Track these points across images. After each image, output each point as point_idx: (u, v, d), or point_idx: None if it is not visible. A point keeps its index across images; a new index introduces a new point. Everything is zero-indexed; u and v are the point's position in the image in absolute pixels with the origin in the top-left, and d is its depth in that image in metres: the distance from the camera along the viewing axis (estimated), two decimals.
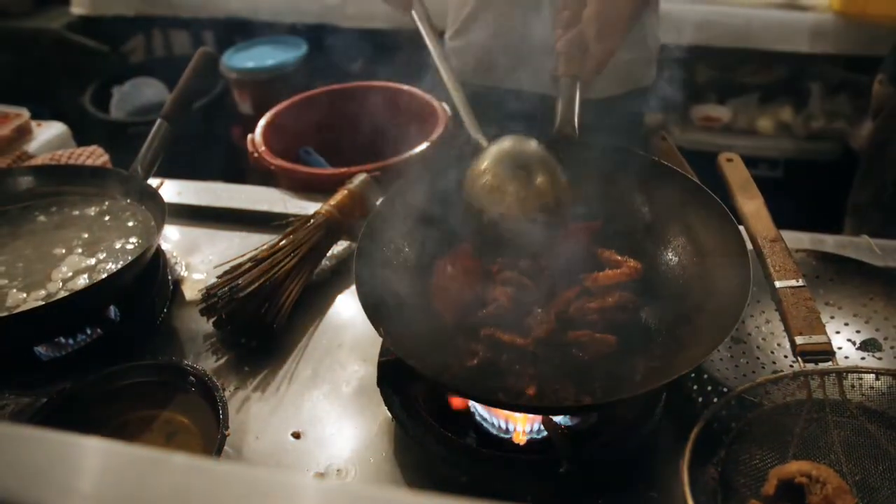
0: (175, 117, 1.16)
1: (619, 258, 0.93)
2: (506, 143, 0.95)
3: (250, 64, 2.63)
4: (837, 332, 0.97)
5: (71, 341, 1.01)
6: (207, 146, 2.62)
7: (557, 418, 0.83)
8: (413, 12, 1.06)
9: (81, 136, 1.67)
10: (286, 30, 2.82)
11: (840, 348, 0.95)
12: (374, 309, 0.79)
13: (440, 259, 0.93)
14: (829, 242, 1.10)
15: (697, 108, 2.50)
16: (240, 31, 2.83)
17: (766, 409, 0.69)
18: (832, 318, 0.99)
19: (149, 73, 2.89)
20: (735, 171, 1.03)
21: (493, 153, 0.94)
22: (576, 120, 1.01)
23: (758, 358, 0.94)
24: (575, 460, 0.74)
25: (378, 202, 0.96)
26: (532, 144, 0.94)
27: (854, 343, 0.95)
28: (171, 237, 1.25)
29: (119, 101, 2.71)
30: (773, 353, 0.95)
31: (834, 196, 1.93)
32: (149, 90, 2.71)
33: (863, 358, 0.93)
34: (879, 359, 0.93)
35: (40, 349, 1.00)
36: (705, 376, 0.88)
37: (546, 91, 1.07)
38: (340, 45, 2.69)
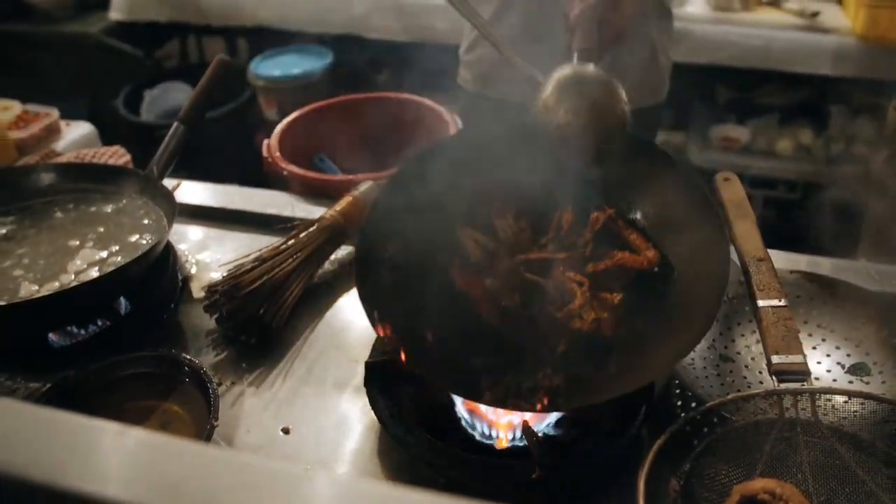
0: (192, 121, 1.20)
1: (643, 244, 0.94)
2: (566, 70, 1.00)
3: (276, 72, 2.69)
4: (828, 356, 0.98)
5: (82, 331, 1.06)
6: (232, 151, 2.69)
7: (537, 426, 0.85)
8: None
9: (112, 136, 1.73)
10: (314, 39, 2.89)
11: (829, 371, 0.95)
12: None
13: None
14: (825, 265, 1.10)
15: (716, 128, 2.50)
16: (270, 39, 2.91)
17: (737, 426, 0.70)
18: (823, 340, 1.00)
19: (181, 78, 2.98)
20: (731, 190, 1.04)
21: (555, 82, 0.99)
22: None
23: (745, 377, 0.95)
24: (548, 468, 0.76)
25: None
26: (590, 70, 0.99)
27: (843, 366, 0.96)
28: (184, 236, 1.30)
29: (149, 104, 2.80)
30: (761, 372, 0.95)
31: (852, 221, 1.91)
32: (178, 94, 2.79)
33: (850, 382, 0.93)
34: (867, 383, 0.93)
35: (53, 337, 1.05)
36: (689, 393, 0.89)
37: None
38: (365, 56, 2.76)
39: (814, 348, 0.99)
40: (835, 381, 0.93)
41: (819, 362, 0.97)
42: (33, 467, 0.46)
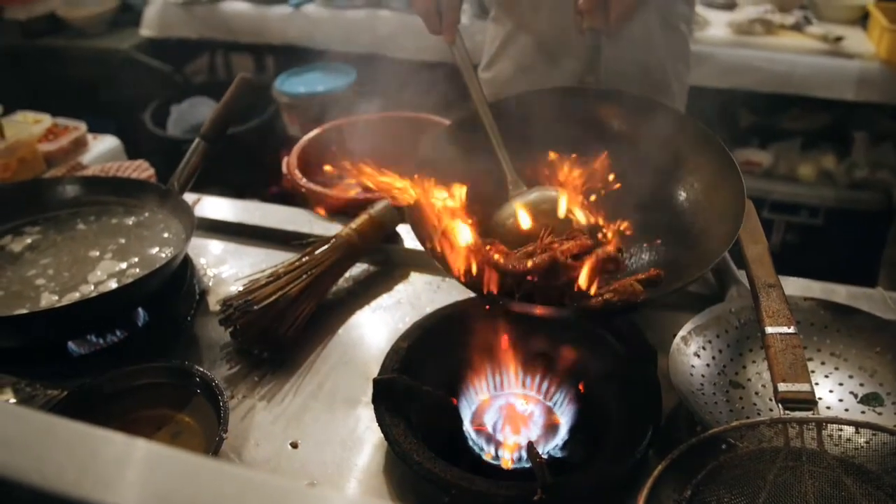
0: (213, 137, 1.23)
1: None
2: (534, 194, 1.02)
3: (301, 89, 2.74)
4: (840, 384, 0.97)
5: (101, 340, 1.09)
6: (258, 165, 2.73)
7: (542, 448, 0.86)
8: (453, 49, 1.12)
9: (139, 150, 1.78)
10: (339, 58, 2.94)
11: (841, 400, 0.94)
12: None
13: None
14: (840, 292, 1.09)
15: (738, 151, 2.49)
16: (297, 56, 2.96)
17: (741, 453, 0.69)
18: (836, 369, 0.98)
19: (209, 94, 3.05)
20: (745, 216, 1.04)
21: (524, 200, 1.01)
22: (600, 73, 1.09)
23: (755, 404, 0.94)
24: (551, 490, 0.76)
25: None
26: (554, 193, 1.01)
27: (856, 396, 0.94)
28: (203, 249, 1.32)
29: (176, 119, 2.87)
30: (771, 399, 0.94)
31: (874, 248, 1.89)
32: (204, 109, 2.85)
33: (863, 412, 0.92)
34: (880, 413, 0.91)
35: (72, 345, 1.07)
36: (697, 418, 0.89)
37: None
38: (390, 75, 2.79)
39: (826, 376, 0.98)
40: (847, 410, 0.92)
41: (831, 391, 0.96)
42: (37, 474, 0.47)
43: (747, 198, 1.08)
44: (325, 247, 1.14)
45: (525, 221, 0.98)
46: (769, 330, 0.81)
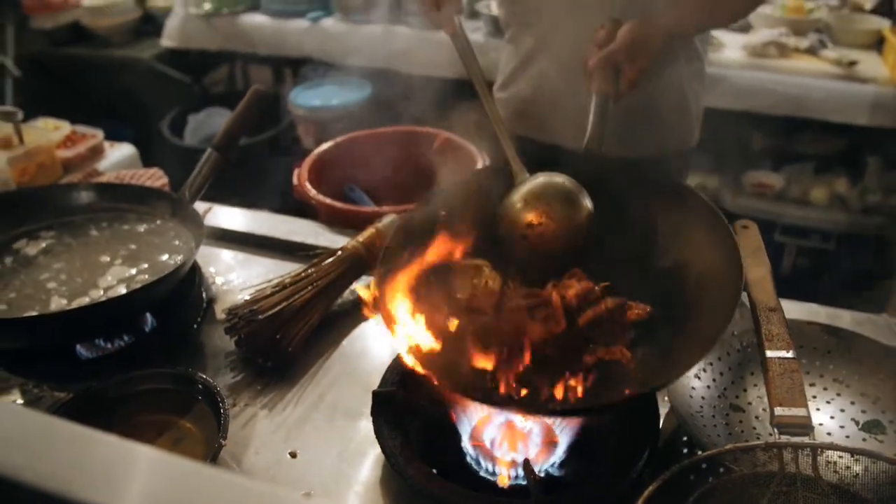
0: (225, 148, 1.25)
1: (630, 303, 0.95)
2: (541, 177, 1.03)
3: (316, 102, 2.77)
4: (842, 411, 0.96)
5: (108, 345, 1.10)
6: (271, 176, 2.77)
7: (539, 466, 0.86)
8: (455, 41, 1.14)
9: (156, 158, 1.81)
10: (355, 72, 2.98)
11: (842, 427, 0.94)
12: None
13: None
14: (845, 318, 1.09)
15: (751, 174, 2.48)
16: (315, 69, 3.00)
17: (734, 477, 0.69)
18: (838, 395, 0.98)
19: (227, 104, 3.09)
20: (748, 238, 1.04)
21: (530, 184, 1.02)
22: (603, 137, 1.09)
23: (754, 428, 0.94)
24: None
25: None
26: (564, 178, 1.02)
27: (857, 423, 0.94)
28: (213, 258, 1.34)
29: (193, 129, 2.91)
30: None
31: (886, 273, 1.88)
32: (221, 119, 2.89)
33: (864, 439, 0.91)
34: (881, 441, 0.91)
35: (81, 349, 1.09)
36: (694, 440, 0.89)
37: (580, 146, 1.13)
38: (404, 90, 2.82)
39: (828, 402, 0.97)
40: (847, 437, 0.92)
41: (833, 417, 0.95)
42: (36, 474, 0.48)
43: (751, 221, 1.09)
44: (331, 259, 1.16)
45: (530, 209, 1.00)
46: (768, 354, 0.81)
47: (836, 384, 0.99)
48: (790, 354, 0.81)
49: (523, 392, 0.86)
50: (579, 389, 0.86)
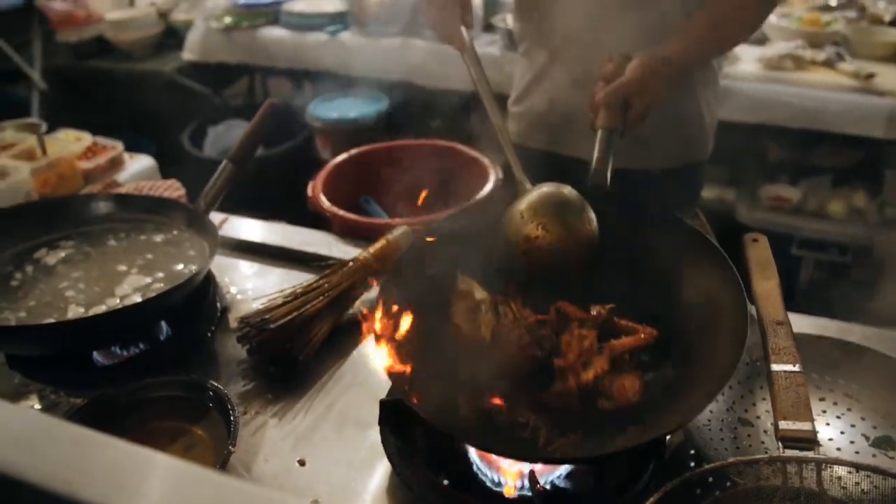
0: (240, 160, 1.28)
1: (636, 325, 0.95)
2: (545, 188, 1.02)
3: (333, 114, 2.81)
4: (852, 426, 0.95)
5: (124, 352, 1.12)
6: (289, 187, 2.80)
7: (545, 477, 0.86)
8: (464, 55, 1.15)
9: (176, 169, 1.84)
10: (374, 84, 3.01)
11: (852, 443, 0.93)
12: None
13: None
14: (855, 332, 1.08)
15: (767, 187, 2.47)
16: (333, 81, 3.04)
17: (737, 491, 0.69)
18: (849, 410, 0.97)
19: (247, 116, 3.14)
20: (757, 251, 1.04)
21: (537, 195, 1.01)
22: (608, 172, 1.08)
23: (763, 442, 0.93)
24: None
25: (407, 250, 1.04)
26: (568, 190, 1.02)
27: (868, 439, 0.93)
28: (227, 268, 1.36)
29: (213, 141, 2.95)
30: None
31: None
32: (239, 131, 2.91)
33: (874, 455, 0.91)
34: (892, 458, 0.90)
35: (97, 356, 1.12)
36: (701, 453, 0.88)
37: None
38: (420, 102, 2.85)
39: (838, 417, 0.97)
40: (857, 453, 0.91)
41: (843, 432, 0.94)
42: (47, 477, 0.50)
43: (760, 233, 1.09)
44: (343, 270, 1.17)
45: (531, 221, 0.99)
46: (774, 367, 0.81)
47: (846, 399, 0.99)
48: (796, 368, 0.81)
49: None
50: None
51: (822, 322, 1.10)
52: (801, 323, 1.11)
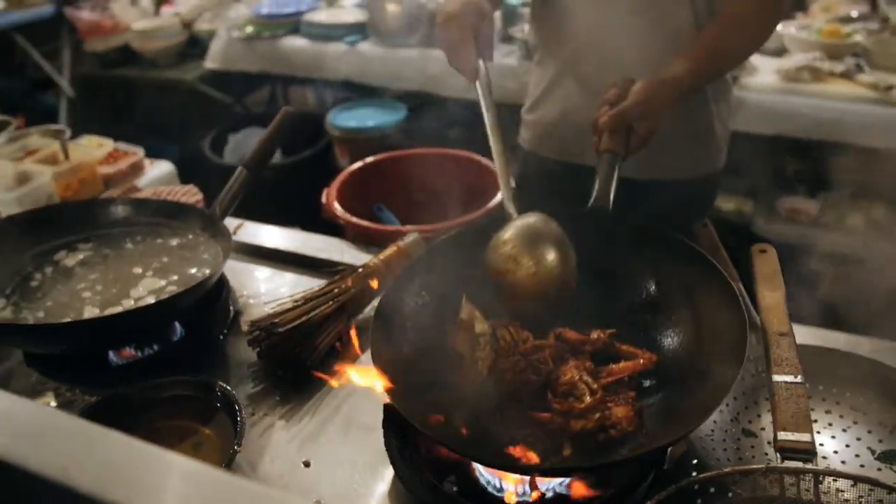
0: (255, 167, 1.30)
1: (637, 350, 0.96)
2: (530, 219, 1.01)
3: (352, 123, 2.84)
4: (858, 439, 0.95)
5: (138, 353, 1.15)
6: (308, 195, 2.84)
7: (546, 484, 0.87)
8: (477, 83, 1.15)
9: (197, 175, 1.87)
10: (392, 94, 3.04)
11: (857, 456, 0.92)
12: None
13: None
14: (864, 345, 1.07)
15: (785, 199, 2.45)
16: (353, 90, 3.08)
17: (735, 501, 0.69)
18: (855, 423, 0.97)
19: (266, 125, 3.18)
20: (765, 263, 1.04)
21: (517, 226, 1.01)
22: (611, 195, 1.07)
23: (766, 454, 0.93)
24: None
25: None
26: (552, 225, 1.00)
27: (874, 452, 0.92)
28: (241, 273, 1.39)
29: (233, 148, 3.00)
30: None
31: None
32: (255, 140, 2.98)
33: (879, 469, 0.90)
34: None
35: (112, 356, 1.14)
36: (702, 463, 0.88)
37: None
38: (438, 112, 2.87)
39: (844, 430, 0.96)
40: (862, 466, 0.90)
41: (848, 445, 0.94)
42: (61, 471, 0.52)
43: (770, 245, 1.08)
44: (353, 276, 1.19)
45: (501, 255, 0.98)
46: (775, 378, 0.81)
47: (853, 412, 0.98)
48: (798, 379, 0.81)
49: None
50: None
51: (832, 335, 1.09)
52: (811, 335, 1.11)
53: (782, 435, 0.74)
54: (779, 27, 2.50)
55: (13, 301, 1.13)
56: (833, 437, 0.95)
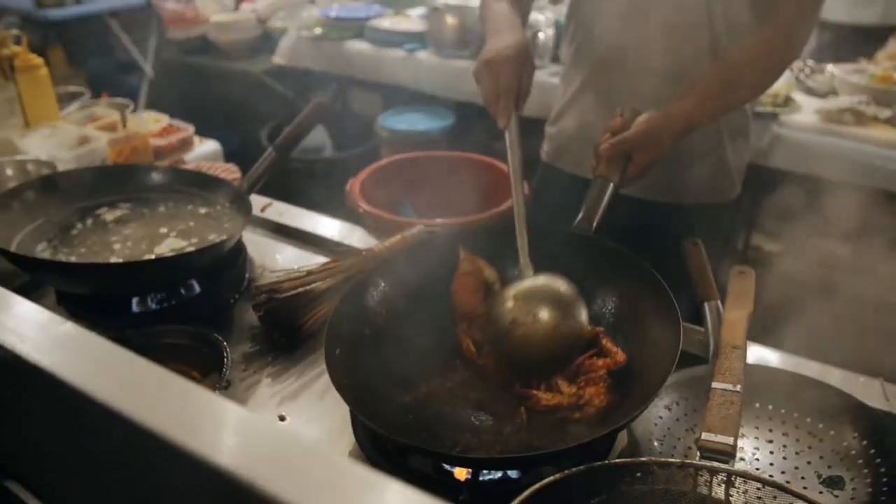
0: (283, 149, 1.41)
1: (613, 348, 1.00)
2: (540, 280, 1.02)
3: (401, 126, 2.95)
4: (808, 463, 0.96)
5: (157, 305, 1.26)
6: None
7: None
8: (507, 132, 1.14)
9: (251, 161, 1.99)
10: (443, 103, 3.14)
11: (804, 478, 0.94)
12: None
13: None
14: (835, 375, 1.09)
15: (818, 241, 2.41)
16: (405, 96, 3.20)
17: (643, 489, 0.74)
18: (810, 448, 0.98)
19: (322, 122, 3.34)
20: (740, 283, 1.07)
21: (525, 284, 1.03)
22: (596, 220, 1.11)
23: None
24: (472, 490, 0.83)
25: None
26: (564, 286, 1.01)
27: (820, 477, 0.94)
28: (262, 246, 1.50)
29: None
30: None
31: None
32: (313, 133, 3.12)
33: (820, 492, 0.92)
34: (836, 496, 0.91)
35: (135, 305, 1.26)
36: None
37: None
38: (483, 123, 2.95)
39: (797, 454, 0.98)
40: (805, 488, 0.92)
41: (797, 467, 0.96)
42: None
43: (748, 266, 1.11)
44: (354, 257, 1.27)
45: (518, 310, 0.99)
46: (714, 384, 0.85)
47: (809, 437, 0.99)
48: (736, 388, 0.84)
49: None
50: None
51: (803, 362, 1.12)
52: (789, 363, 1.13)
53: (706, 435, 0.78)
54: (833, 69, 2.48)
55: (53, 244, 1.26)
56: (784, 458, 0.98)
